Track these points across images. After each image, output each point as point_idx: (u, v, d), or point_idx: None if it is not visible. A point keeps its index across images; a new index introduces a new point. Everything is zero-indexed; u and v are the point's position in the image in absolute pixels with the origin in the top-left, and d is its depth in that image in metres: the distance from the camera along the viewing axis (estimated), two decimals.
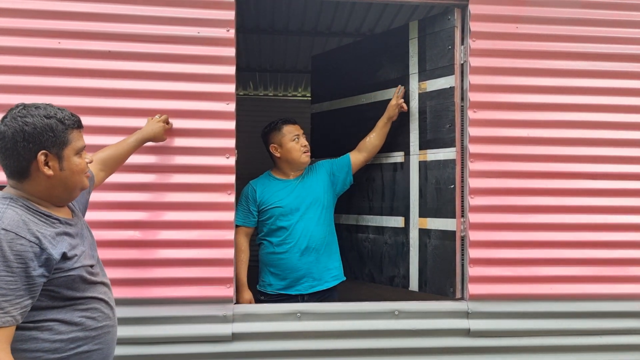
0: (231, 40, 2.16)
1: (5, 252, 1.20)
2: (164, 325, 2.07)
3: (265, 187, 2.46)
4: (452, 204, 2.28)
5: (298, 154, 2.43)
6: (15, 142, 1.28)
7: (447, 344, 2.20)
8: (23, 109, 1.31)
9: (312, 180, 2.50)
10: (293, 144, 2.43)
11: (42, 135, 1.29)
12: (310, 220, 2.40)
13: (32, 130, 1.28)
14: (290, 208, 2.39)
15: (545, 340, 2.23)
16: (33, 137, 1.29)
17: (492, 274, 2.23)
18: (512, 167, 2.24)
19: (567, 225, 2.25)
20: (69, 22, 2.08)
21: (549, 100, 2.26)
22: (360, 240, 2.75)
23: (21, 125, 1.28)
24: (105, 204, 2.05)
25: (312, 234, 2.39)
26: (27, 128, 1.28)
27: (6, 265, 1.20)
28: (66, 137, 1.34)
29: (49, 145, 1.31)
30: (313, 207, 2.42)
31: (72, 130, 1.36)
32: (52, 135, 1.31)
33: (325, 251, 2.44)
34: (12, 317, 1.21)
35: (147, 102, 2.12)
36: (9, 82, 2.04)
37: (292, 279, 2.38)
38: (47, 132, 1.30)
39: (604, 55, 2.29)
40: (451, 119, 2.29)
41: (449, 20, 2.31)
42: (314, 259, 2.39)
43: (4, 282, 1.20)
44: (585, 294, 2.25)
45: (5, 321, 1.20)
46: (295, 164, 2.46)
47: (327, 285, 2.43)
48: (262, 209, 2.41)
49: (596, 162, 2.27)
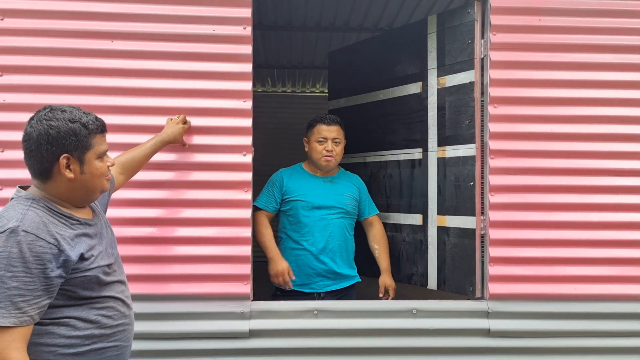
0: (248, 38, 2.16)
1: (24, 253, 1.23)
2: (182, 321, 2.09)
3: (294, 178, 2.47)
4: (471, 202, 2.24)
5: (318, 155, 2.44)
6: (39, 145, 1.31)
7: (466, 344, 2.16)
8: (50, 111, 1.34)
9: (343, 186, 2.51)
10: (316, 145, 2.44)
11: (65, 139, 1.31)
12: (331, 222, 2.41)
13: (56, 134, 1.31)
14: (313, 204, 2.40)
15: (568, 342, 2.18)
16: (56, 141, 1.31)
17: (513, 273, 2.18)
18: (533, 164, 2.19)
19: (590, 224, 2.19)
20: (90, 23, 2.11)
21: (573, 94, 2.20)
22: None
23: (46, 128, 1.30)
24: (125, 201, 2.08)
25: (331, 235, 2.40)
26: (52, 131, 1.30)
27: (25, 267, 1.23)
28: (89, 142, 1.36)
29: (72, 149, 1.33)
30: (336, 210, 2.43)
31: (95, 135, 1.38)
32: (74, 140, 1.33)
33: (342, 255, 2.45)
34: (29, 316, 1.24)
35: (164, 100, 2.14)
36: (35, 82, 2.09)
37: (308, 275, 2.39)
38: (70, 136, 1.32)
39: (630, 47, 2.22)
40: (471, 114, 2.24)
41: (469, 14, 2.26)
42: (330, 259, 2.40)
43: (23, 283, 1.22)
44: (609, 294, 2.18)
45: (23, 321, 1.23)
46: (315, 164, 2.48)
47: (342, 284, 2.44)
48: (285, 199, 2.42)
49: (621, 158, 2.20)
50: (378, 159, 2.74)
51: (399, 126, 2.62)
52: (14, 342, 1.21)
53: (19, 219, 1.26)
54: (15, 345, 1.21)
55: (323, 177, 2.50)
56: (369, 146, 2.77)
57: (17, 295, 1.22)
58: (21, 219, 1.26)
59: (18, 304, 1.22)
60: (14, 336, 1.21)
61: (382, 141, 2.72)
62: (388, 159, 2.61)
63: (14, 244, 1.22)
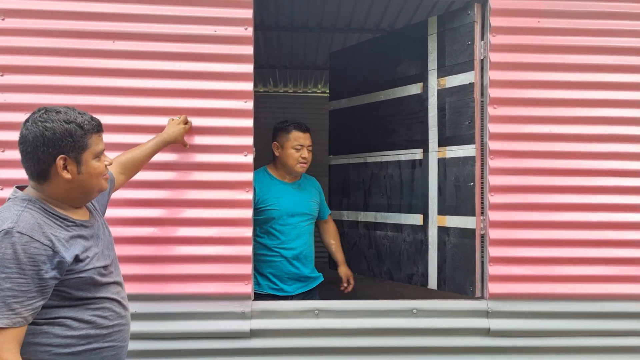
0: (249, 39, 2.17)
1: (19, 254, 1.23)
2: (183, 321, 2.10)
3: (265, 186, 2.47)
4: (471, 202, 2.25)
5: (294, 162, 2.47)
6: (35, 147, 1.31)
7: (466, 343, 2.17)
8: (44, 113, 1.34)
9: (309, 192, 2.61)
10: (293, 152, 2.46)
11: (61, 141, 1.32)
12: (304, 228, 2.51)
13: (52, 136, 1.31)
14: (288, 212, 2.45)
15: (568, 341, 2.19)
16: (52, 142, 1.31)
17: (513, 272, 2.19)
18: (533, 165, 2.20)
19: (589, 224, 2.20)
20: (91, 23, 2.12)
21: (572, 95, 2.21)
22: (379, 238, 2.74)
23: (41, 130, 1.31)
24: (125, 201, 2.09)
25: (305, 241, 2.51)
26: (47, 133, 1.31)
27: (19, 268, 1.23)
28: (85, 142, 1.36)
29: (68, 150, 1.33)
30: (307, 216, 2.54)
31: (92, 135, 1.38)
32: (70, 141, 1.33)
33: (311, 258, 2.57)
34: (22, 318, 1.24)
35: (165, 100, 2.14)
36: (36, 82, 2.10)
37: (282, 280, 2.44)
38: (66, 137, 1.32)
39: (628, 49, 2.23)
40: (471, 115, 2.25)
41: (469, 16, 2.27)
42: (302, 264, 2.50)
43: (16, 284, 1.23)
44: (608, 293, 2.19)
45: (16, 322, 1.23)
46: (289, 170, 2.50)
47: (312, 285, 2.55)
48: (259, 208, 2.40)
49: (620, 159, 2.21)
50: (379, 159, 2.75)
51: (400, 127, 2.63)
52: (6, 344, 1.22)
53: (14, 220, 1.26)
54: (7, 346, 1.22)
55: (291, 183, 2.54)
56: (370, 146, 2.78)
57: (10, 296, 1.22)
58: (16, 220, 1.26)
59: (11, 305, 1.22)
60: (6, 337, 1.22)
61: (383, 141, 2.72)
62: (389, 159, 2.62)
63: (8, 245, 1.23)
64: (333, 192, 3.05)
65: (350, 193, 2.93)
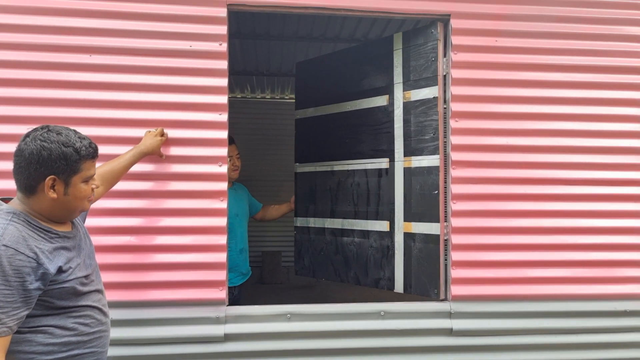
0: (224, 54, 2.25)
1: (4, 267, 1.28)
2: (160, 327, 2.17)
3: None
4: (436, 209, 2.38)
5: (229, 170, 2.68)
6: (29, 163, 1.37)
7: (430, 343, 2.30)
8: (46, 132, 1.40)
9: (242, 195, 3.05)
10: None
11: (55, 162, 1.37)
12: (244, 226, 2.99)
13: (47, 156, 1.37)
14: (234, 212, 2.79)
15: (525, 339, 2.33)
16: (46, 162, 1.37)
17: (474, 275, 2.33)
18: (492, 174, 2.35)
19: (545, 229, 2.36)
20: (68, 37, 2.17)
21: (527, 109, 2.36)
22: (346, 244, 2.83)
23: (39, 148, 1.36)
24: (104, 210, 2.14)
25: (245, 237, 2.97)
26: (44, 152, 1.36)
27: (5, 280, 1.28)
28: (78, 167, 1.42)
29: (59, 172, 1.39)
30: (245, 216, 3.03)
31: (86, 161, 1.44)
32: (64, 163, 1.39)
33: (247, 252, 3.01)
34: (8, 327, 1.29)
35: (143, 112, 2.21)
36: (17, 95, 2.14)
37: (230, 272, 2.61)
38: (60, 159, 1.38)
39: (577, 67, 2.40)
40: (435, 127, 2.38)
41: (432, 34, 2.40)
42: (244, 259, 2.94)
43: (2, 295, 1.28)
44: (562, 294, 2.35)
45: (2, 331, 1.28)
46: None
47: (245, 279, 2.96)
48: None
49: (571, 168, 2.37)
50: (346, 167, 2.84)
51: (367, 137, 2.73)
52: None
53: (0, 234, 1.31)
54: None
55: (231, 187, 2.79)
56: (337, 155, 2.87)
57: None
58: (2, 234, 1.31)
59: None
60: None
61: (350, 151, 2.82)
62: (356, 167, 2.72)
63: None
64: (299, 199, 3.11)
65: (317, 200, 3.01)
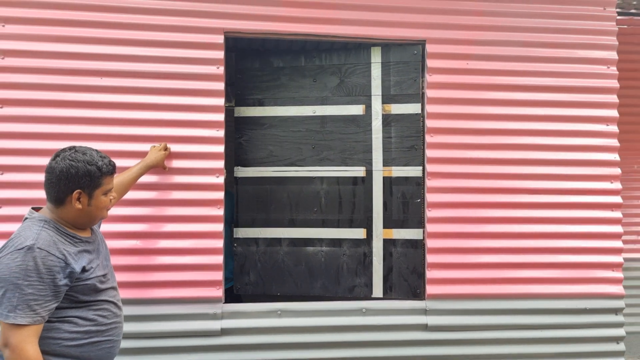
0: (220, 76, 2.49)
1: (39, 266, 1.52)
2: (163, 322, 2.40)
3: None
4: (418, 216, 2.61)
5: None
6: (59, 179, 1.61)
7: (407, 337, 2.53)
8: (74, 152, 1.64)
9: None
10: None
11: (81, 179, 1.62)
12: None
13: (75, 173, 1.61)
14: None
15: (494, 334, 2.57)
16: (74, 179, 1.61)
17: (447, 276, 2.56)
18: (464, 184, 2.59)
19: (512, 234, 2.59)
20: (81, 62, 2.41)
21: (495, 126, 2.61)
22: (311, 254, 2.70)
23: (68, 167, 1.61)
24: (113, 217, 2.35)
25: None
26: (72, 170, 1.61)
27: (39, 277, 1.52)
28: (100, 182, 1.67)
29: (84, 186, 1.63)
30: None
31: (106, 176, 1.69)
32: (88, 179, 1.63)
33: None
34: (41, 317, 1.54)
35: (148, 129, 2.45)
36: (32, 114, 2.37)
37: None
38: (85, 176, 1.63)
39: (541, 87, 2.64)
40: (415, 140, 2.62)
41: (415, 55, 2.63)
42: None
43: (37, 290, 1.52)
44: (528, 293, 2.58)
45: (36, 320, 1.52)
46: None
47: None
48: None
49: (536, 179, 2.61)
50: (310, 174, 2.72)
51: (338, 144, 2.70)
52: (28, 337, 1.51)
53: (35, 238, 1.55)
54: (29, 339, 1.51)
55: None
56: (297, 161, 2.74)
57: (32, 299, 1.51)
58: (36, 238, 1.55)
59: (32, 306, 1.51)
60: (29, 332, 1.51)
61: (316, 157, 2.72)
62: (323, 175, 2.71)
63: (31, 258, 1.52)
64: (242, 207, 2.75)
65: (269, 209, 2.74)
